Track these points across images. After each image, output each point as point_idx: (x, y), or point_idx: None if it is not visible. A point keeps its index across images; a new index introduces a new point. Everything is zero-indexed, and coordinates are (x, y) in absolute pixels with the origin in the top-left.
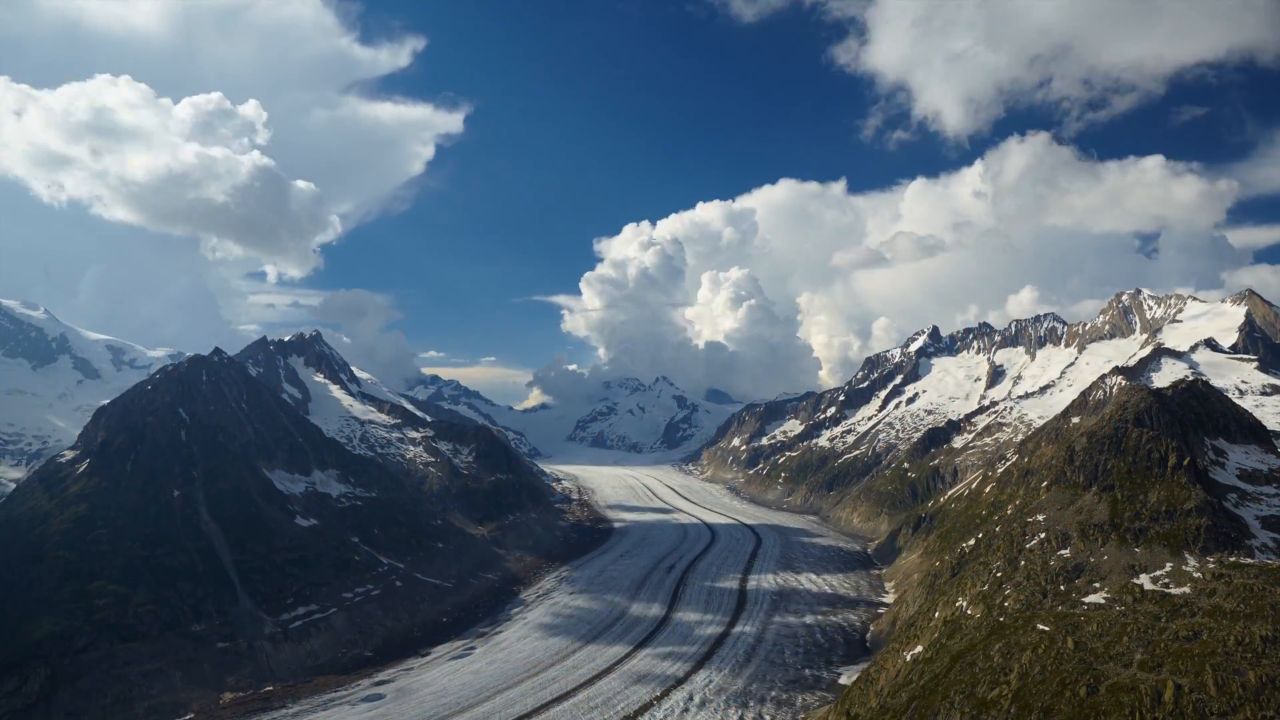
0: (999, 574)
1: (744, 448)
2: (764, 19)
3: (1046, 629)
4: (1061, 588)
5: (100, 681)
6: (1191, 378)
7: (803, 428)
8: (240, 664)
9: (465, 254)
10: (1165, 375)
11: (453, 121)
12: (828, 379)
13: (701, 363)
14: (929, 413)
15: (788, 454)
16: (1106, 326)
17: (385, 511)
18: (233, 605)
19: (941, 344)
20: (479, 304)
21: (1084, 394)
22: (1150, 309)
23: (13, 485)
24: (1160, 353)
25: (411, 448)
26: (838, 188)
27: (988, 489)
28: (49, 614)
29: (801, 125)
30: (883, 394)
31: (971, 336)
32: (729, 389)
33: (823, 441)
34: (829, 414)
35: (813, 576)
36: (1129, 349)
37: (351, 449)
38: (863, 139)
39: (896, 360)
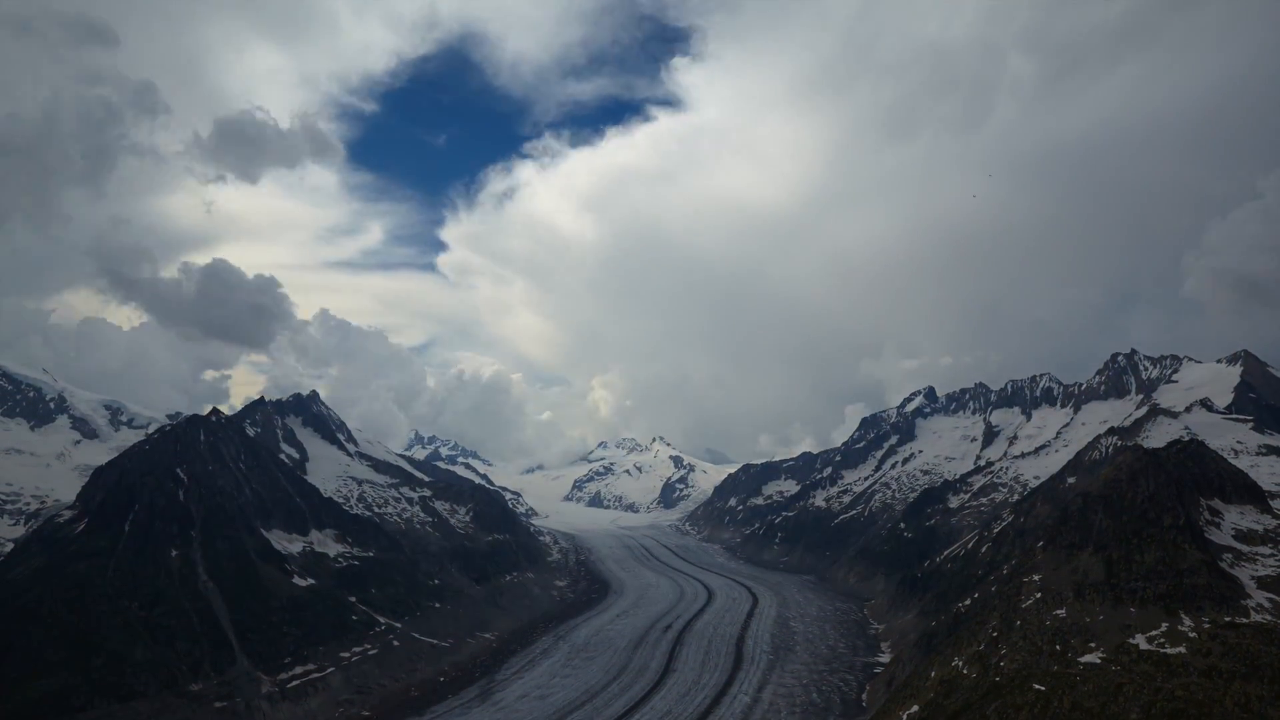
0: (995, 634)
1: (740, 508)
2: None
3: (1042, 689)
4: (1057, 648)
5: None
6: (1187, 438)
7: (798, 488)
8: None
9: None
10: (1161, 436)
11: None
12: None
13: None
14: (925, 473)
15: (784, 514)
16: (1102, 387)
17: (382, 571)
18: (230, 665)
19: (937, 404)
20: None
21: (1080, 454)
22: (1145, 369)
23: (11, 545)
24: (1156, 413)
25: (409, 507)
26: None
27: (984, 549)
28: (46, 673)
29: None
30: (879, 454)
31: (968, 396)
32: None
33: (819, 501)
34: (825, 474)
35: (809, 636)
36: (1124, 409)
37: (349, 509)
38: None
39: (893, 420)
